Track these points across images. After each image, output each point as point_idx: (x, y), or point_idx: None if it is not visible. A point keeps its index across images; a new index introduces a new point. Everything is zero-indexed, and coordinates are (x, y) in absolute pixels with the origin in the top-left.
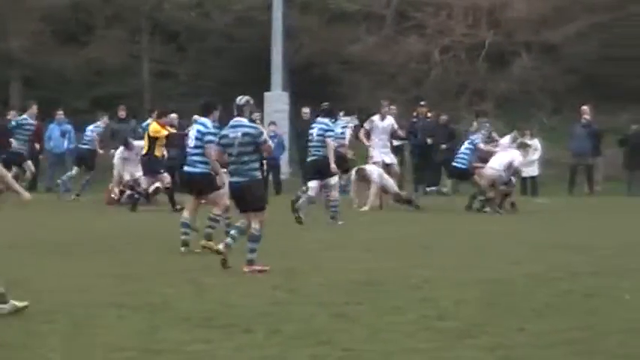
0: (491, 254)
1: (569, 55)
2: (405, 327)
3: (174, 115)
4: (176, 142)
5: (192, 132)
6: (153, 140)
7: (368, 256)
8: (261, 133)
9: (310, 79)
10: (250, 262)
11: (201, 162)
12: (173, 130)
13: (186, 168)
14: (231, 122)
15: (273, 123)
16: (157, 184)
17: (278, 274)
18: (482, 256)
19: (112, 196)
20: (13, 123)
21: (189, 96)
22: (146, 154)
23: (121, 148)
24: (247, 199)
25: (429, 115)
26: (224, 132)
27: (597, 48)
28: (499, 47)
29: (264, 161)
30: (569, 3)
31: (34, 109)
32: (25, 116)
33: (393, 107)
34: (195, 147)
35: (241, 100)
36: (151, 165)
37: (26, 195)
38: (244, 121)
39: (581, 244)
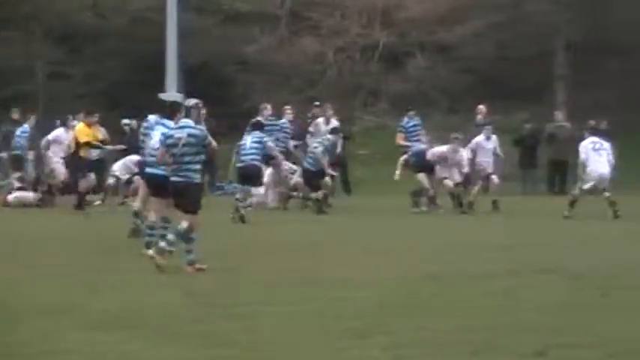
0: (389, 254)
1: (464, 55)
2: (301, 327)
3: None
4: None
5: (157, 134)
6: (79, 141)
7: (272, 257)
8: (207, 136)
9: (205, 80)
10: (191, 263)
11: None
12: (102, 131)
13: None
14: (179, 123)
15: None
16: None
17: (177, 275)
18: (380, 255)
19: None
20: None
21: (84, 97)
22: (73, 154)
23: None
24: (184, 199)
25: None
26: (170, 132)
27: (493, 48)
28: (393, 47)
29: None
30: (463, 3)
31: None
32: None
33: (288, 107)
34: None
35: (190, 102)
36: (75, 165)
37: None
38: (190, 122)
39: (480, 242)
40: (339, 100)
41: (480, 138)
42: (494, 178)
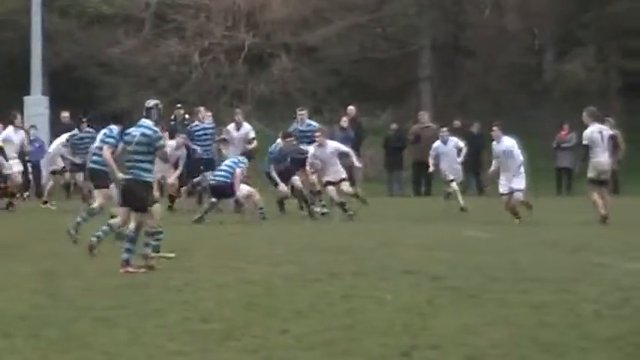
0: (249, 256)
1: (328, 56)
2: (167, 330)
3: None
4: None
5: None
6: None
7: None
8: (160, 138)
9: (70, 83)
10: (126, 263)
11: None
12: None
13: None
14: (139, 122)
15: (33, 127)
16: None
17: (38, 278)
18: (240, 258)
19: None
20: None
21: None
22: None
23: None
24: (130, 197)
25: (185, 117)
26: (129, 130)
27: (356, 49)
28: (258, 49)
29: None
30: (327, 4)
31: None
32: None
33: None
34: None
35: (150, 102)
36: None
37: None
38: (148, 122)
39: (340, 244)
40: (203, 102)
41: (437, 143)
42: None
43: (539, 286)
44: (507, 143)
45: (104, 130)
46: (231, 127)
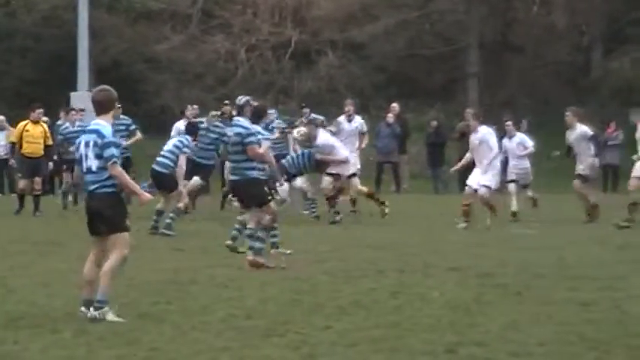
0: (294, 253)
1: (375, 53)
2: (212, 326)
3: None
4: None
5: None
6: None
7: (176, 255)
8: (251, 134)
9: (116, 79)
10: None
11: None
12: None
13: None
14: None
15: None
16: None
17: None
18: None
19: None
20: None
21: None
22: None
23: None
24: (244, 195)
25: (233, 114)
26: (227, 130)
27: (404, 46)
28: (305, 46)
29: None
30: (375, 1)
31: None
32: None
33: (195, 107)
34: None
35: (241, 100)
36: None
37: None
38: (242, 120)
39: (385, 242)
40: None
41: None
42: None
43: (585, 283)
44: (483, 132)
45: (180, 138)
46: (341, 118)
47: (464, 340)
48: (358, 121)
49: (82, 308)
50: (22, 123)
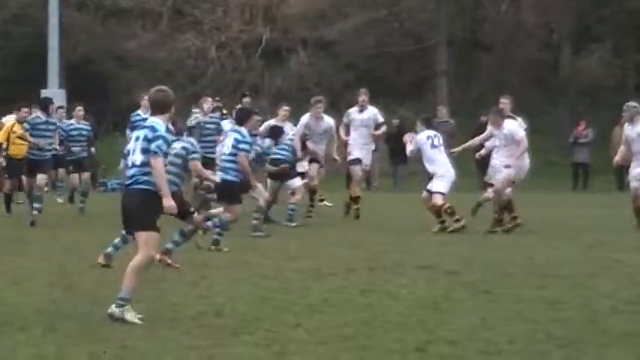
0: (263, 251)
1: (345, 51)
2: (181, 324)
3: None
4: None
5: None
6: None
7: None
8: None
9: (87, 76)
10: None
11: None
12: None
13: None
14: None
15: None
16: None
17: (52, 272)
18: (253, 252)
19: None
20: None
21: None
22: None
23: None
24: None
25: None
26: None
27: (373, 44)
28: (276, 43)
29: None
30: None
31: None
32: None
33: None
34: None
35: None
36: None
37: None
38: None
39: (354, 240)
40: (220, 96)
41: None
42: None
43: (554, 281)
44: (511, 126)
45: (235, 135)
46: (352, 109)
47: (434, 338)
48: (372, 111)
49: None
50: (9, 123)
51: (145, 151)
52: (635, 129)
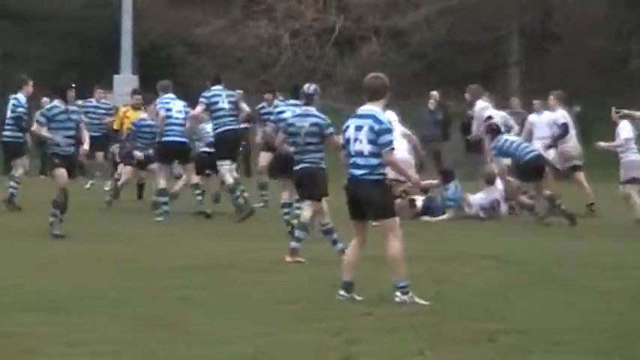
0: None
1: (416, 40)
2: (250, 310)
3: None
4: None
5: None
6: None
7: (216, 240)
8: (329, 125)
9: (156, 62)
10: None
11: None
12: None
13: None
14: (300, 111)
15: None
16: None
17: (127, 258)
18: (322, 241)
19: None
20: None
21: (38, 78)
22: None
23: None
24: (311, 186)
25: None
26: (291, 120)
27: (444, 33)
28: (349, 32)
29: None
30: None
31: None
32: None
33: (240, 92)
34: None
35: (310, 88)
36: None
37: None
38: (312, 110)
39: (425, 230)
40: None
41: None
42: None
43: (629, 273)
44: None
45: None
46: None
47: (503, 327)
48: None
49: (341, 291)
50: (123, 109)
51: (373, 142)
52: None
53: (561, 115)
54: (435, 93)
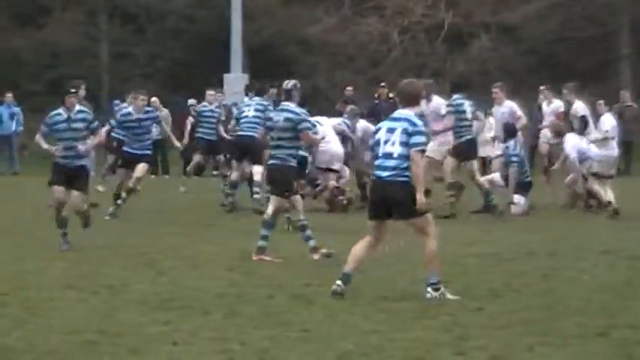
0: (442, 236)
1: (527, 35)
2: (362, 308)
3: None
4: None
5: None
6: None
7: (328, 237)
8: (303, 121)
9: (268, 61)
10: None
11: None
12: None
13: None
14: (280, 106)
15: (234, 104)
16: None
17: (231, 257)
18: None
19: None
20: None
21: (148, 77)
22: None
23: None
24: (277, 182)
25: (390, 96)
26: (270, 114)
27: (555, 28)
28: (458, 28)
29: None
30: None
31: None
32: None
33: (350, 89)
34: None
35: (288, 84)
36: None
37: None
38: (291, 105)
39: (536, 224)
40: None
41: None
42: None
43: None
44: None
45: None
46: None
47: (616, 323)
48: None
49: (338, 282)
50: None
51: (404, 144)
52: None
53: None
54: (542, 88)
